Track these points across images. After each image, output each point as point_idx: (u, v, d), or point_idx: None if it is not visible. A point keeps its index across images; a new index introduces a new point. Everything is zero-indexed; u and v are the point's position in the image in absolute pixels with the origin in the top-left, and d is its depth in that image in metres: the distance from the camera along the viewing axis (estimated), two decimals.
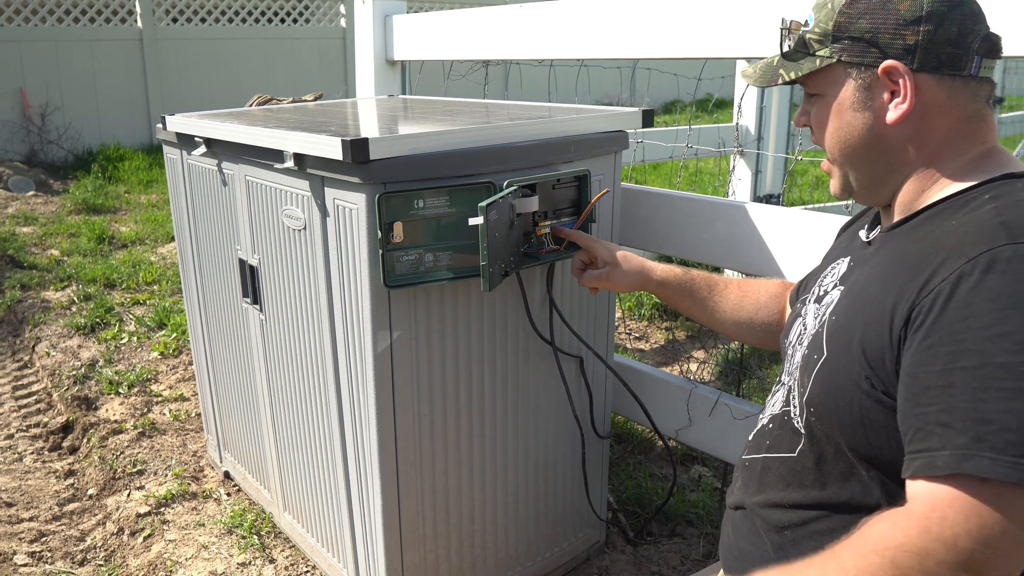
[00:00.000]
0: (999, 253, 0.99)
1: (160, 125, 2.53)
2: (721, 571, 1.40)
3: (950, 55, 1.13)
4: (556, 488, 2.15)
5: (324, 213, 1.80)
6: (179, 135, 2.46)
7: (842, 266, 1.32)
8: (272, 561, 2.34)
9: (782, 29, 1.26)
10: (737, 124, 4.24)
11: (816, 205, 4.69)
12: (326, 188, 1.77)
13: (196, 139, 2.30)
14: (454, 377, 1.85)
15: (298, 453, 2.20)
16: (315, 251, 1.85)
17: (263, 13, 10.03)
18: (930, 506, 0.96)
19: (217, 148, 2.23)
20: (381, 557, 1.90)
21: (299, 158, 1.80)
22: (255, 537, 2.43)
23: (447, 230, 1.70)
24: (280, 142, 1.85)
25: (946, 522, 0.94)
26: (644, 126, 2.01)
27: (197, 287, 2.67)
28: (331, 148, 1.65)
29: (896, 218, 1.25)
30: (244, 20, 9.89)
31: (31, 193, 7.28)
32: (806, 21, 1.24)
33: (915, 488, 0.99)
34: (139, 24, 9.12)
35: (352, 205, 1.69)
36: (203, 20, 9.64)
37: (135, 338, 4.02)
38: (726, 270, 3.82)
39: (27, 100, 8.54)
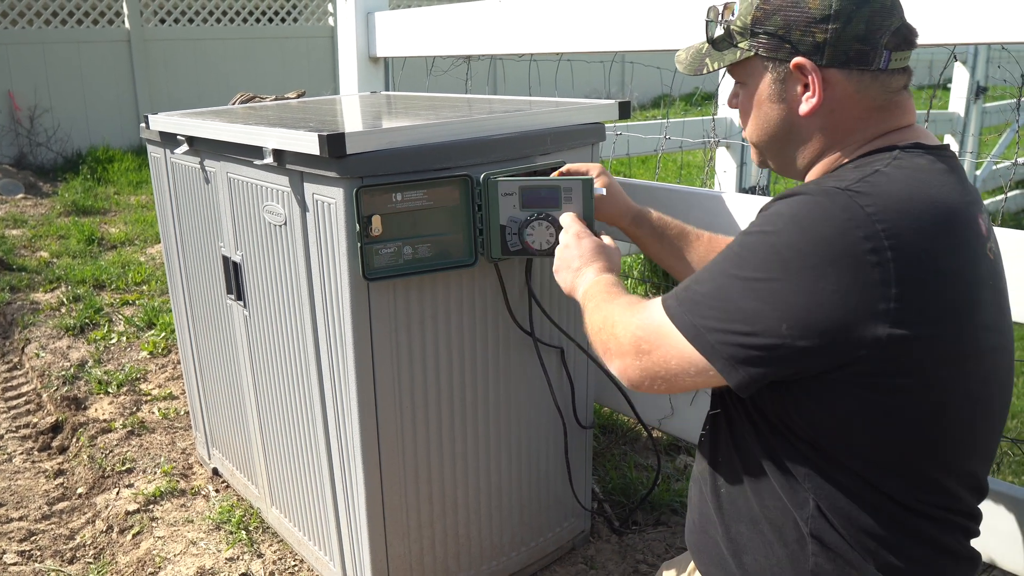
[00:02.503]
0: (795, 193, 1.12)
1: (143, 124, 2.55)
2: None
3: (858, 51, 1.18)
4: (540, 478, 2.17)
5: (304, 208, 1.81)
6: (162, 134, 2.47)
7: None
8: (260, 556, 2.36)
9: (706, 20, 1.33)
10: (713, 117, 4.25)
11: None
12: (305, 183, 1.78)
13: (178, 137, 2.31)
14: (435, 369, 1.87)
15: (284, 448, 2.21)
16: (296, 246, 1.87)
17: (251, 13, 10.03)
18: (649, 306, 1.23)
19: (199, 146, 2.24)
20: (366, 549, 1.92)
21: (278, 154, 1.82)
22: (243, 532, 2.45)
23: (425, 223, 1.72)
24: (260, 139, 1.87)
25: (642, 315, 1.22)
26: (621, 118, 2.03)
27: (183, 285, 2.68)
28: (309, 143, 1.67)
29: None
30: (232, 20, 9.89)
31: (20, 196, 7.28)
32: (732, 10, 1.30)
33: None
34: (127, 25, 9.11)
35: (330, 199, 1.71)
36: (191, 20, 9.64)
37: (124, 338, 4.03)
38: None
39: (15, 103, 8.54)
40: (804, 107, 1.22)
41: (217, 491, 2.71)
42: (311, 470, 2.08)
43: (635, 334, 1.21)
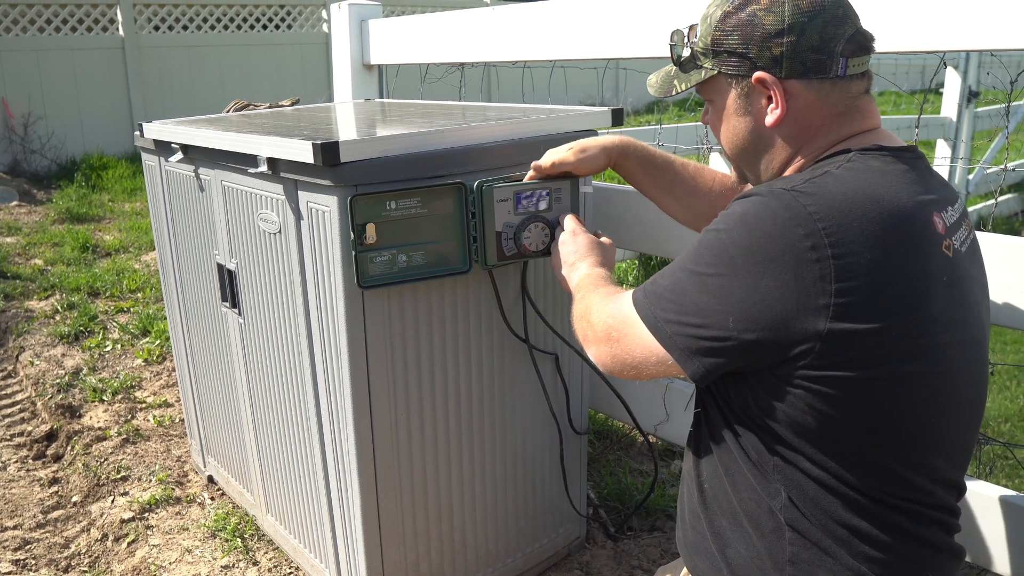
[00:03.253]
0: (750, 195, 1.17)
1: (137, 132, 2.55)
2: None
3: (815, 61, 1.23)
4: (535, 485, 2.17)
5: (298, 216, 1.82)
6: (156, 142, 2.47)
7: None
8: (255, 563, 2.36)
9: (671, 44, 1.39)
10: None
11: None
12: (299, 191, 1.79)
13: (172, 146, 2.32)
14: (430, 376, 1.87)
15: (279, 455, 2.22)
16: (290, 254, 1.88)
17: (244, 19, 10.04)
18: (621, 297, 1.32)
19: (194, 154, 2.24)
20: (361, 556, 1.93)
21: (272, 162, 1.82)
22: (238, 540, 2.45)
23: (419, 230, 1.72)
24: (254, 147, 1.87)
25: (614, 306, 1.31)
26: (614, 125, 2.04)
27: (178, 293, 2.68)
28: (303, 152, 1.68)
29: None
30: (226, 27, 9.90)
31: (14, 203, 7.27)
32: (695, 32, 1.36)
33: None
34: (121, 32, 9.11)
35: (325, 207, 1.71)
36: (185, 27, 9.64)
37: (119, 346, 4.03)
38: None
39: (9, 110, 8.53)
40: (769, 118, 1.28)
41: (212, 499, 2.71)
42: (306, 477, 2.09)
43: (607, 323, 1.30)
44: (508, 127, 1.88)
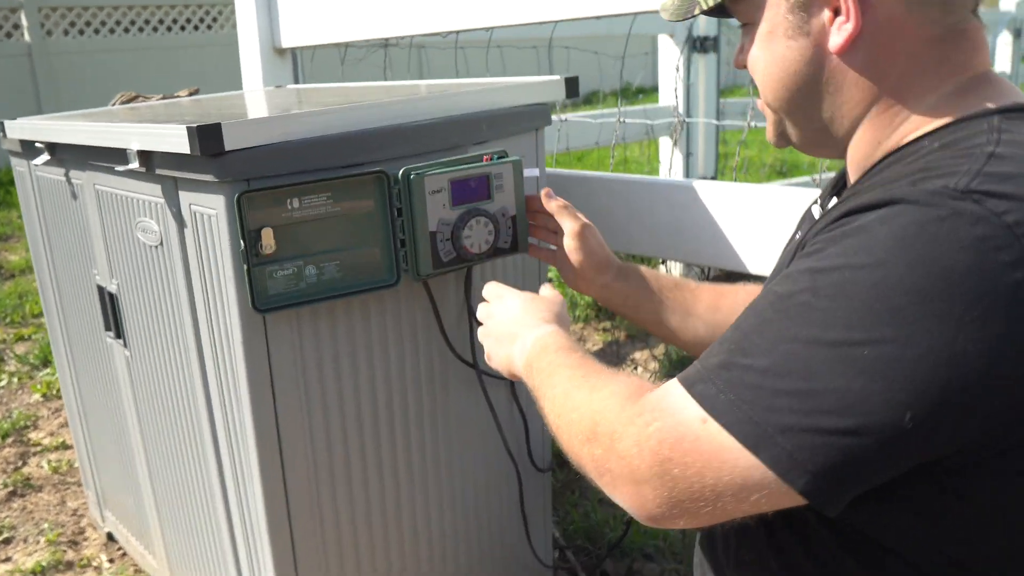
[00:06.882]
0: (883, 201, 0.77)
1: (0, 133, 2.14)
2: None
3: None
4: (491, 534, 1.81)
5: (180, 223, 1.44)
6: (23, 143, 2.07)
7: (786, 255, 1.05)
8: None
9: None
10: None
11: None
12: (180, 192, 1.41)
13: (37, 145, 1.92)
14: (356, 416, 1.50)
15: (180, 514, 1.83)
16: (175, 271, 1.49)
17: (161, 21, 9.49)
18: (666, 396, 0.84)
19: (62, 154, 1.85)
20: None
21: (146, 156, 1.44)
22: None
23: (332, 235, 1.36)
24: (122, 138, 1.49)
25: (658, 413, 0.83)
26: (568, 96, 1.69)
27: (60, 321, 2.27)
28: (176, 139, 1.30)
29: (851, 181, 0.96)
30: (141, 29, 9.35)
31: None
32: None
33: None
34: (27, 38, 8.53)
35: (210, 210, 1.34)
36: (97, 31, 9.07)
37: (15, 379, 3.57)
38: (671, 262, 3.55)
39: None
40: (836, 38, 0.88)
41: (112, 561, 2.30)
42: (211, 542, 1.70)
43: (654, 450, 0.80)
44: (442, 102, 1.52)
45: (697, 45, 4.30)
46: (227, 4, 9.93)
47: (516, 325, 1.16)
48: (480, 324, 1.27)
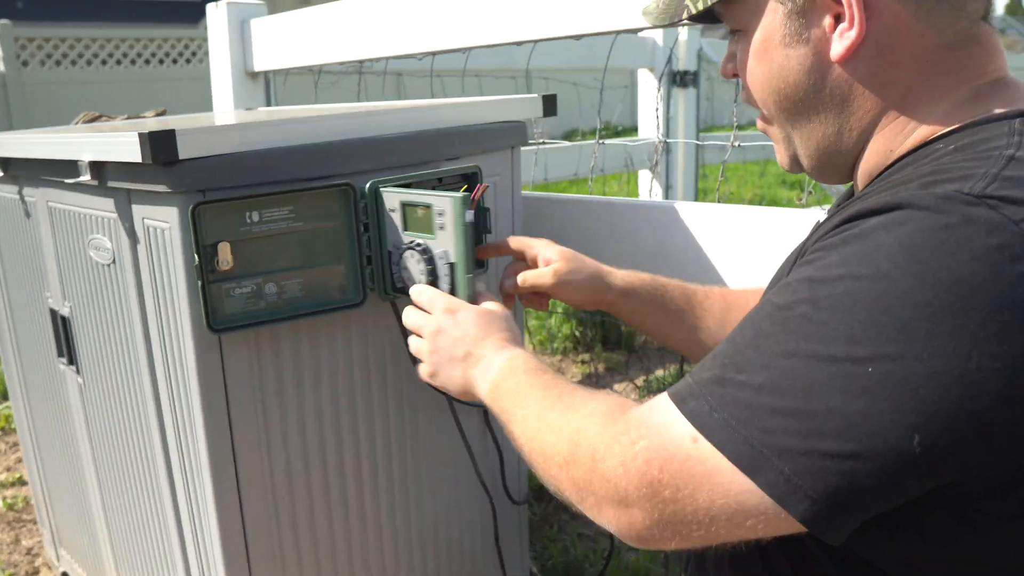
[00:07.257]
0: (891, 206, 0.71)
1: None
2: None
3: None
4: (464, 570, 1.72)
5: (133, 239, 1.35)
6: None
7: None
8: None
9: None
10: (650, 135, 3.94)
11: None
12: (133, 205, 1.33)
13: None
14: (319, 445, 1.41)
15: (136, 554, 1.72)
16: (127, 291, 1.41)
17: (139, 54, 9.45)
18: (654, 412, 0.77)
19: (15, 170, 1.77)
20: None
21: (98, 168, 1.36)
22: None
23: (294, 250, 1.28)
24: (74, 150, 1.41)
25: (646, 430, 0.76)
26: (546, 115, 1.63)
27: (14, 350, 2.17)
28: (128, 147, 1.22)
29: (859, 188, 0.90)
30: (119, 62, 9.30)
31: None
32: None
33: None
34: (1, 68, 8.45)
35: (164, 224, 1.26)
36: (73, 63, 9.01)
37: None
38: None
39: None
40: (838, 46, 0.81)
41: None
42: None
43: (642, 470, 0.74)
44: (413, 115, 1.45)
45: (677, 79, 4.28)
46: (203, 40, 9.90)
47: (472, 344, 1.09)
48: (411, 333, 1.18)
